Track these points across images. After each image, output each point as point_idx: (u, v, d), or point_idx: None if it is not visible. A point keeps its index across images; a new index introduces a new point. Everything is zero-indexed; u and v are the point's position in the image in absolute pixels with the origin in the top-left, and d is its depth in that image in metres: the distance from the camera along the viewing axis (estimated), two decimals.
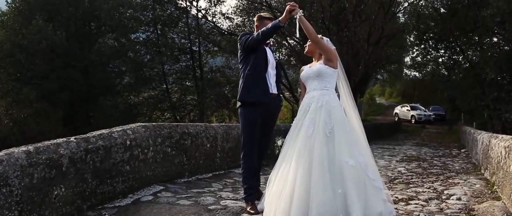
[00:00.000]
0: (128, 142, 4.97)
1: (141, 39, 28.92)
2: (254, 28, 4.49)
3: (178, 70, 29.40)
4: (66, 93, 23.20)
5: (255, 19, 4.54)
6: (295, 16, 3.97)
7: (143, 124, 5.42)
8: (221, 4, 28.48)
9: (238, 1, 26.87)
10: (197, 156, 6.27)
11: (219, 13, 27.86)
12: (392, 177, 6.85)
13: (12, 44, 23.03)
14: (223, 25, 28.47)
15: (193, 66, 28.75)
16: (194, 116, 27.10)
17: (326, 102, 3.88)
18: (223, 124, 7.14)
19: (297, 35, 4.26)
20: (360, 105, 39.82)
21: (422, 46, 28.35)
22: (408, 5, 26.82)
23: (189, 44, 28.86)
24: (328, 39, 4.23)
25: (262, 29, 4.16)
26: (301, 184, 3.60)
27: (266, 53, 4.36)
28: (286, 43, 26.02)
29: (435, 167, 8.53)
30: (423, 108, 40.09)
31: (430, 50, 29.15)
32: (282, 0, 28.46)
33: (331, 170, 3.60)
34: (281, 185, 3.76)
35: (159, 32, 28.70)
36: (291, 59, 28.38)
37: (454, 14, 23.06)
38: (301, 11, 3.96)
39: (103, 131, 4.89)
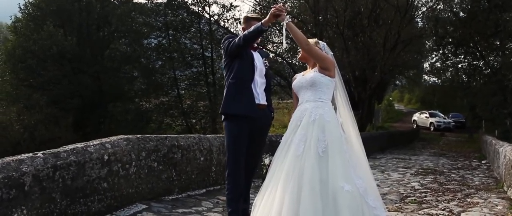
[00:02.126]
0: (106, 157, 4.49)
1: (153, 45, 28.69)
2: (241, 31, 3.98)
3: (190, 76, 29.04)
4: (77, 99, 23.06)
5: (241, 20, 4.06)
6: (282, 23, 3.47)
7: (125, 136, 4.95)
8: (234, 10, 28.10)
9: (253, 6, 26.43)
10: (189, 170, 5.77)
11: (232, 18, 27.46)
12: (404, 195, 6.24)
13: (24, 50, 23.01)
14: (236, 30, 28.07)
15: (205, 72, 28.34)
16: (205, 123, 26.67)
17: (319, 116, 3.35)
18: (220, 135, 6.62)
19: (284, 47, 3.76)
20: (377, 112, 39.01)
21: (441, 51, 27.54)
22: (426, 10, 26.04)
23: (201, 50, 28.50)
24: (325, 43, 3.70)
25: (244, 33, 3.67)
26: (288, 211, 3.07)
27: (253, 59, 3.85)
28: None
29: (453, 182, 7.87)
30: (442, 115, 38.94)
31: (449, 55, 28.34)
32: (297, 5, 28.01)
33: (323, 196, 3.06)
34: (266, 211, 3.23)
35: (170, 37, 28.40)
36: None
37: (474, 18, 22.22)
38: (288, 16, 3.46)
39: (78, 145, 4.43)
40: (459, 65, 29.29)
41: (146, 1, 27.62)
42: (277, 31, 25.93)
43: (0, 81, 24.32)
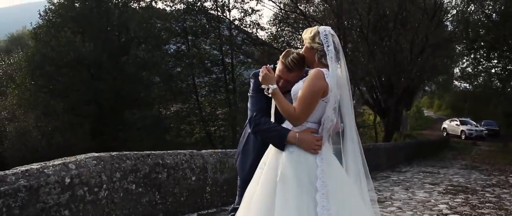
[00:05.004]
0: (67, 180, 3.80)
1: (171, 50, 28.27)
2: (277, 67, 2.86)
3: (209, 82, 28.46)
4: (94, 106, 22.81)
5: (281, 58, 2.83)
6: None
7: (96, 154, 4.25)
8: (255, 14, 27.47)
9: (276, 8, 25.65)
10: (177, 192, 5.04)
11: (253, 23, 26.80)
12: None
13: (42, 56, 22.91)
14: (258, 34, 27.46)
15: (225, 78, 27.71)
16: (224, 130, 25.98)
17: None
18: (218, 150, 5.88)
19: None
20: (405, 119, 37.61)
21: (472, 55, 26.20)
22: (455, 12, 24.72)
23: (221, 56, 27.92)
24: (328, 33, 2.65)
25: (262, 124, 2.73)
26: None
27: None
28: None
29: (487, 204, 6.87)
30: (474, 123, 37.04)
31: (481, 60, 26.99)
32: (321, 9, 27.11)
33: None
34: None
35: (190, 43, 27.94)
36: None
37: (508, 20, 20.84)
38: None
39: (34, 165, 3.76)
40: (492, 70, 27.87)
41: (165, 7, 27.31)
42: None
43: (20, 88, 24.26)
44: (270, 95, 2.65)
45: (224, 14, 27.31)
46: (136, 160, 4.54)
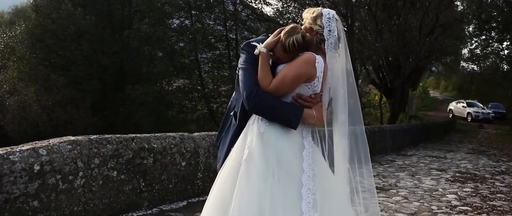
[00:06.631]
0: (37, 167, 3.42)
1: (175, 25, 27.62)
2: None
3: (212, 58, 27.91)
4: (95, 80, 22.43)
5: (283, 33, 2.38)
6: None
7: (72, 138, 3.84)
8: None
9: None
10: (164, 179, 4.66)
11: None
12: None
13: (43, 29, 22.42)
14: (263, 10, 26.75)
15: (228, 55, 27.13)
16: (226, 107, 25.57)
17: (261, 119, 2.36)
18: (211, 133, 5.47)
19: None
20: (411, 99, 37.07)
21: (483, 37, 25.49)
22: None
23: (225, 32, 27.27)
24: (331, 16, 2.37)
25: (274, 104, 2.33)
26: None
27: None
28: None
29: (499, 195, 6.46)
30: (481, 105, 36.44)
31: (491, 41, 26.27)
32: None
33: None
34: None
35: (194, 18, 27.29)
36: None
37: None
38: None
39: None
40: (502, 52, 27.17)
41: None
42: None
43: (21, 61, 23.85)
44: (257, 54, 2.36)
45: None
46: (118, 144, 4.14)
